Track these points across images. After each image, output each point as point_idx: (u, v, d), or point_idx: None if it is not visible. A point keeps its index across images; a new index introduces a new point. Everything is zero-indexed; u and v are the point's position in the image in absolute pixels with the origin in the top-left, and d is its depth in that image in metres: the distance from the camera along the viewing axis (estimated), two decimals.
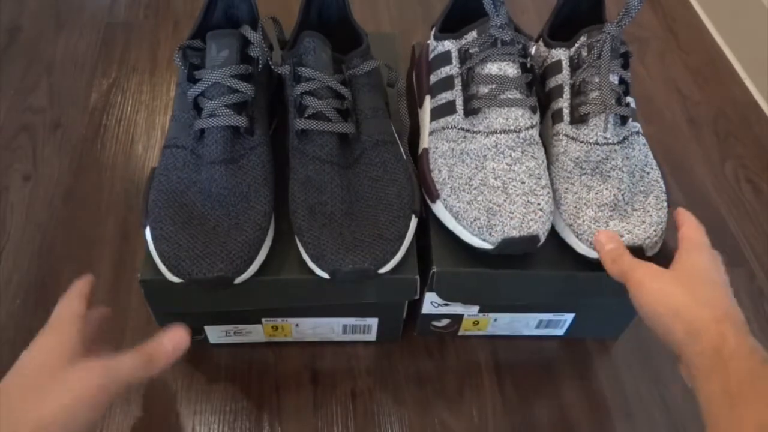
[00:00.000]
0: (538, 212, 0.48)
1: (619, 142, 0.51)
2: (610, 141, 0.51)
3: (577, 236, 0.50)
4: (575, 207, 0.50)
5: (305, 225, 0.49)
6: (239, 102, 0.50)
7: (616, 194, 0.50)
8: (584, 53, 0.53)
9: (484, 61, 0.52)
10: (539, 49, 0.58)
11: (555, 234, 0.52)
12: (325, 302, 0.52)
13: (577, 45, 0.53)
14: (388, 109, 0.58)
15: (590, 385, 0.60)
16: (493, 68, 0.51)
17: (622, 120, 0.52)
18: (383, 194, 0.51)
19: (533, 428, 0.57)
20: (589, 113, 0.51)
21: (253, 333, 0.58)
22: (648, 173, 0.52)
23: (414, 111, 0.60)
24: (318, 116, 0.51)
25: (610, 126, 0.50)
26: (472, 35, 0.53)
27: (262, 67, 0.53)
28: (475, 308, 0.57)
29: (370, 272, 0.47)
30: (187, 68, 0.51)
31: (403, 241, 0.49)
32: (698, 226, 0.47)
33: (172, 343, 0.43)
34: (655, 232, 0.49)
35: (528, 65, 0.53)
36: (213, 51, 0.51)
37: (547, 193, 0.50)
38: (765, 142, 0.83)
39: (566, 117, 0.53)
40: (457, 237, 0.51)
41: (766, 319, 0.65)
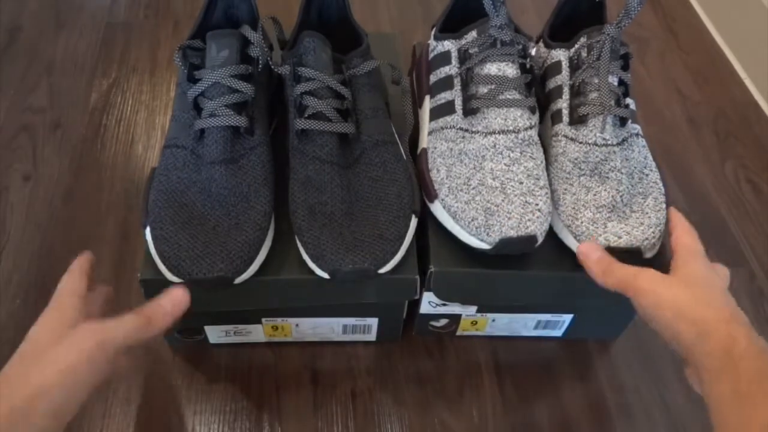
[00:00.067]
0: (536, 212, 0.48)
1: (618, 144, 0.51)
2: (608, 142, 0.50)
3: (575, 237, 0.50)
4: (573, 208, 0.50)
5: (305, 225, 0.49)
6: (239, 102, 0.50)
7: (614, 196, 0.50)
8: (584, 54, 0.53)
9: (483, 61, 0.52)
10: (539, 49, 0.58)
11: (553, 235, 0.52)
12: (325, 302, 0.52)
13: (576, 46, 0.53)
14: (388, 109, 0.58)
15: (590, 385, 0.60)
16: (492, 68, 0.51)
17: (622, 121, 0.51)
18: (383, 194, 0.51)
19: (533, 428, 0.57)
20: (588, 114, 0.51)
21: (253, 333, 0.58)
22: (647, 175, 0.52)
23: (414, 111, 0.60)
24: (318, 116, 0.51)
25: (608, 127, 0.50)
26: (471, 35, 0.53)
27: (262, 67, 0.53)
28: (473, 308, 0.57)
29: (370, 272, 0.47)
30: (187, 68, 0.51)
31: (403, 241, 0.49)
32: (691, 231, 0.47)
33: (171, 303, 0.44)
34: (654, 234, 0.49)
35: (527, 66, 0.53)
36: (213, 51, 0.51)
37: (545, 193, 0.49)
38: (765, 142, 0.83)
39: (565, 118, 0.53)
40: (454, 237, 0.51)
41: (766, 319, 0.66)
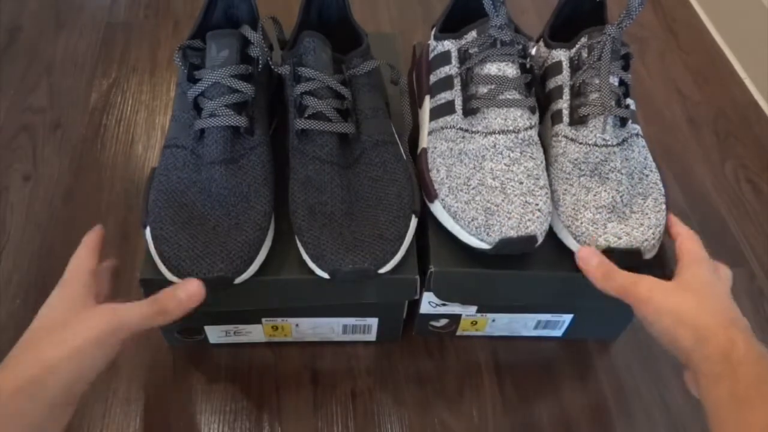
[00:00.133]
0: (536, 212, 0.48)
1: (618, 144, 0.51)
2: (609, 143, 0.50)
3: (575, 238, 0.50)
4: (573, 208, 0.50)
5: (305, 225, 0.49)
6: (239, 102, 0.50)
7: (614, 196, 0.50)
8: (584, 54, 0.53)
9: (483, 61, 0.52)
10: (539, 49, 0.58)
11: (553, 235, 0.52)
12: (325, 302, 0.52)
13: (577, 46, 0.53)
14: (388, 109, 0.58)
15: (590, 385, 0.60)
16: (492, 68, 0.51)
17: (622, 122, 0.51)
18: (383, 194, 0.51)
19: (533, 428, 0.57)
20: (588, 114, 0.51)
21: (253, 333, 0.58)
22: (647, 175, 0.52)
23: (414, 111, 0.60)
24: (318, 116, 0.51)
25: (609, 127, 0.50)
26: (471, 35, 0.53)
27: (262, 67, 0.53)
28: (473, 308, 0.57)
29: (370, 272, 0.47)
30: (187, 68, 0.51)
31: (403, 241, 0.49)
32: (695, 238, 0.47)
33: (186, 294, 0.44)
34: (653, 234, 0.49)
35: (527, 66, 0.53)
36: (213, 51, 0.51)
37: (545, 193, 0.49)
38: (765, 142, 0.83)
39: (565, 118, 0.53)
40: (454, 237, 0.51)
41: (766, 319, 0.65)
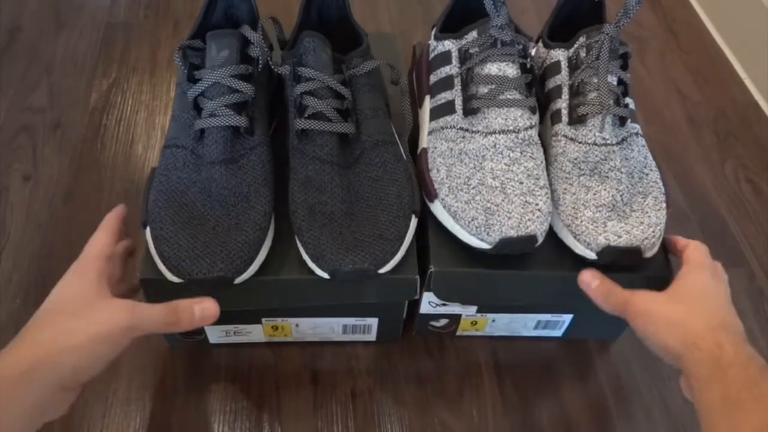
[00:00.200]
0: (536, 212, 0.48)
1: (617, 143, 0.51)
2: (608, 142, 0.50)
3: (575, 237, 0.50)
4: (573, 207, 0.50)
5: (305, 225, 0.49)
6: (239, 102, 0.50)
7: (614, 195, 0.50)
8: (583, 54, 0.53)
9: (483, 61, 0.52)
10: (539, 49, 0.58)
11: (553, 235, 0.52)
12: (325, 302, 0.52)
13: (575, 46, 0.53)
14: (388, 109, 0.58)
15: (590, 385, 0.60)
16: (492, 68, 0.51)
17: (621, 121, 0.51)
18: (383, 194, 0.51)
19: (533, 428, 0.57)
20: (587, 114, 0.51)
21: (253, 333, 0.58)
22: (647, 174, 0.52)
23: (414, 111, 0.60)
24: (318, 116, 0.51)
25: (608, 126, 0.50)
26: (472, 35, 0.53)
27: (262, 67, 0.53)
28: (473, 308, 0.57)
29: (370, 272, 0.47)
30: (187, 68, 0.51)
31: (403, 241, 0.49)
32: (702, 248, 0.48)
33: (202, 312, 0.45)
34: (654, 233, 0.49)
35: (528, 66, 0.53)
36: (213, 51, 0.51)
37: (545, 193, 0.49)
38: (765, 142, 0.83)
39: (565, 118, 0.53)
40: (454, 237, 0.51)
41: (766, 319, 0.65)
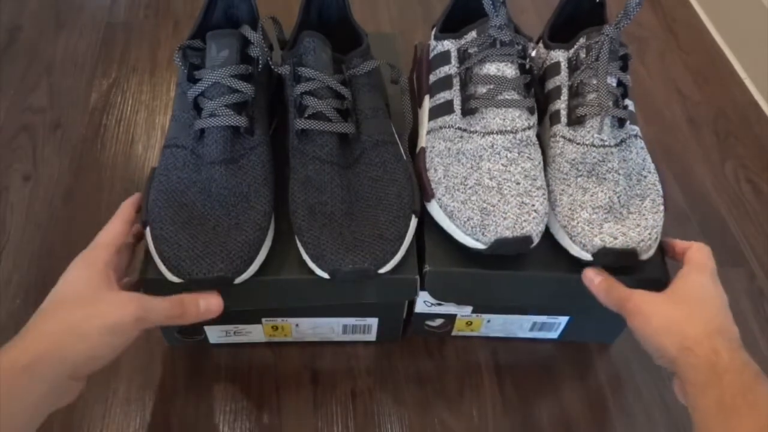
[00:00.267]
0: (532, 213, 0.48)
1: (616, 145, 0.51)
2: (606, 143, 0.50)
3: (571, 238, 0.50)
4: (570, 209, 0.50)
5: (305, 225, 0.49)
6: (239, 102, 0.50)
7: (611, 197, 0.49)
8: (582, 55, 0.53)
9: (482, 61, 0.52)
10: (539, 50, 0.58)
11: (549, 235, 0.52)
12: (325, 302, 0.52)
13: (575, 47, 0.53)
14: (388, 109, 0.58)
15: (590, 385, 0.60)
16: (491, 69, 0.51)
17: (620, 122, 0.51)
18: (383, 194, 0.51)
19: (533, 428, 0.57)
20: (585, 115, 0.51)
21: (253, 333, 0.58)
22: (645, 177, 0.52)
23: (414, 111, 0.60)
24: (318, 116, 0.51)
25: (606, 128, 0.50)
26: (471, 35, 0.53)
27: (262, 67, 0.53)
28: (468, 309, 0.57)
29: (370, 272, 0.47)
30: (187, 68, 0.51)
31: (403, 241, 0.49)
32: (704, 249, 0.48)
33: (207, 306, 0.46)
34: (650, 235, 0.49)
35: (527, 66, 0.53)
36: (213, 51, 0.51)
37: (542, 194, 0.49)
38: (765, 142, 0.83)
39: (563, 118, 0.53)
40: (450, 236, 0.51)
41: (766, 319, 0.65)
